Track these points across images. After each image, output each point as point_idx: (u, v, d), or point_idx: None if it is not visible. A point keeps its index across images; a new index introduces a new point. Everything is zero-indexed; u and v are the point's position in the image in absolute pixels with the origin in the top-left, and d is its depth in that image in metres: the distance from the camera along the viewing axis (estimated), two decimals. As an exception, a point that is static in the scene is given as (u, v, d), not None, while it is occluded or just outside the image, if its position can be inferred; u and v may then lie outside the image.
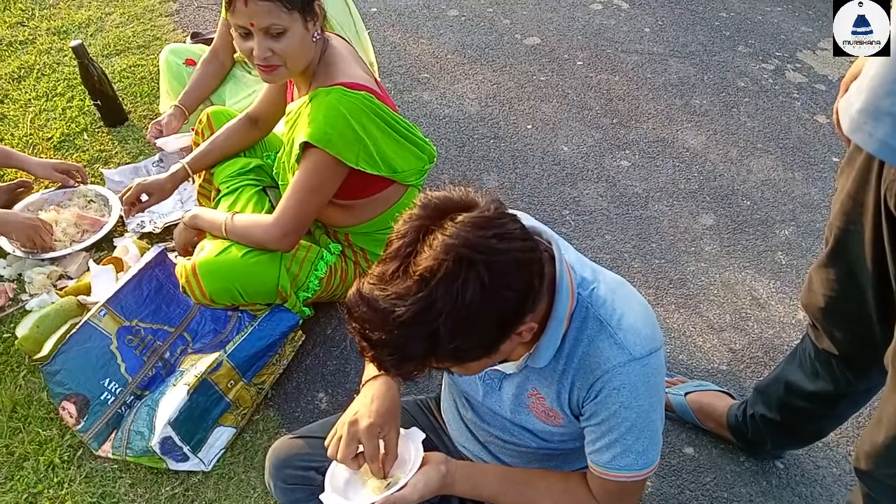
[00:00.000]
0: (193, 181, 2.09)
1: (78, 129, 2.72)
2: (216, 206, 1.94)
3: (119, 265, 2.08)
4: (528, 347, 1.05)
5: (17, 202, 2.34)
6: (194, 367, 1.73)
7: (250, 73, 2.52)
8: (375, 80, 1.76)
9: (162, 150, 2.44)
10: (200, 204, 2.11)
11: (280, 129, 1.93)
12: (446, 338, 0.85)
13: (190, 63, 2.55)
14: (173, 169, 1.99)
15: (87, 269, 2.12)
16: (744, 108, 2.96)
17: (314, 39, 1.60)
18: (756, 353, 2.02)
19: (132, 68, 3.04)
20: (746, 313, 2.14)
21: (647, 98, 2.99)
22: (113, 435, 1.72)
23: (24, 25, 3.32)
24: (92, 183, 2.44)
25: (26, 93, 2.90)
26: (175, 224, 2.21)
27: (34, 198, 2.35)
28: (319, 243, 1.97)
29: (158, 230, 2.29)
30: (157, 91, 2.78)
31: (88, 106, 2.77)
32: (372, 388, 1.19)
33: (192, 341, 1.88)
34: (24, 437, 1.77)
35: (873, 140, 1.01)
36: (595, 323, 1.02)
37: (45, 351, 1.85)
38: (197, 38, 2.87)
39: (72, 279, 2.14)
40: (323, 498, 1.12)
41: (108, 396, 1.73)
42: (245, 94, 2.45)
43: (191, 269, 1.70)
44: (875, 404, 1.63)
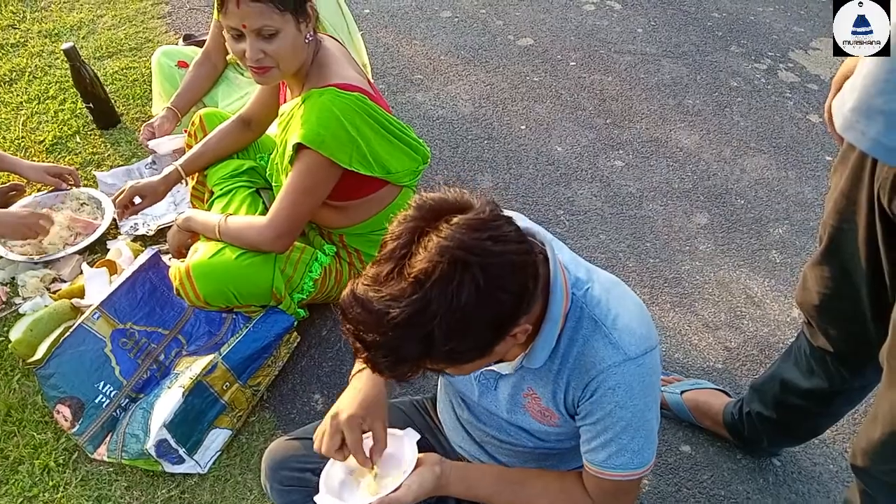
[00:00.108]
0: (186, 183, 2.09)
1: (70, 132, 2.71)
2: (210, 208, 1.93)
3: (112, 268, 2.07)
4: (524, 348, 1.05)
5: (9, 206, 2.32)
6: (189, 370, 1.73)
7: (243, 74, 2.51)
8: (368, 82, 1.75)
9: (155, 153, 2.43)
10: (194, 206, 2.10)
11: (273, 130, 1.93)
12: (441, 340, 0.85)
13: (182, 65, 2.54)
14: (166, 171, 1.99)
15: (81, 272, 2.11)
16: (737, 107, 2.97)
17: (307, 41, 1.60)
18: (751, 351, 2.03)
19: (124, 71, 3.03)
20: (741, 312, 2.15)
21: (641, 98, 3.00)
22: (108, 438, 1.71)
23: (15, 28, 3.30)
24: (84, 186, 2.43)
25: (18, 96, 2.89)
26: (168, 226, 2.20)
27: (26, 201, 2.34)
28: (314, 244, 1.96)
29: (152, 232, 2.28)
30: (150, 93, 2.77)
31: (80, 108, 2.76)
32: (359, 381, 1.20)
33: (187, 344, 1.87)
34: (19, 441, 1.76)
35: (866, 138, 1.01)
36: (590, 323, 1.02)
37: (38, 354, 1.84)
38: (189, 40, 2.86)
39: (65, 282, 2.13)
40: (317, 499, 1.11)
41: (103, 399, 1.72)
42: (238, 96, 2.44)
43: (185, 272, 1.70)
44: (870, 401, 1.63)
